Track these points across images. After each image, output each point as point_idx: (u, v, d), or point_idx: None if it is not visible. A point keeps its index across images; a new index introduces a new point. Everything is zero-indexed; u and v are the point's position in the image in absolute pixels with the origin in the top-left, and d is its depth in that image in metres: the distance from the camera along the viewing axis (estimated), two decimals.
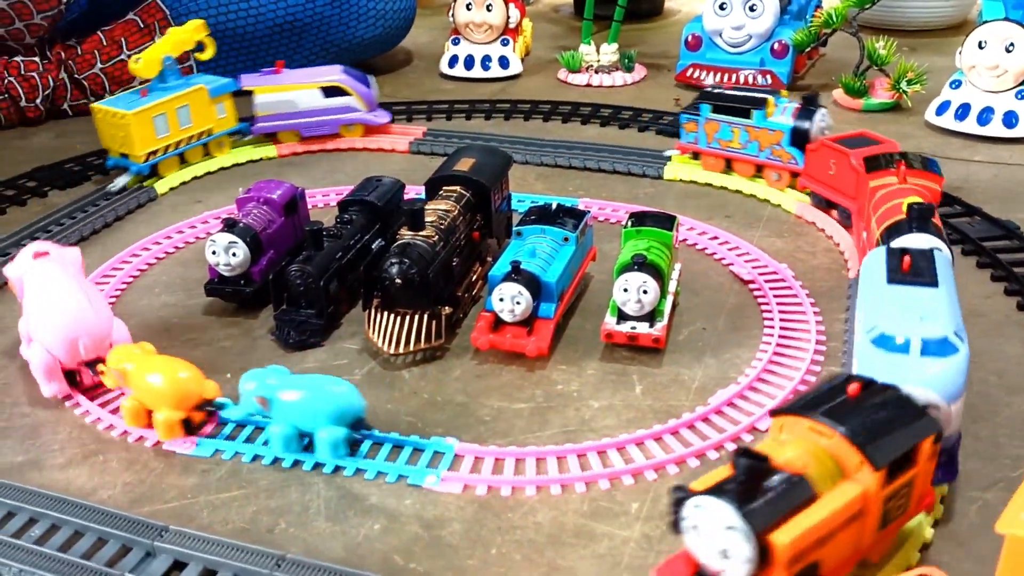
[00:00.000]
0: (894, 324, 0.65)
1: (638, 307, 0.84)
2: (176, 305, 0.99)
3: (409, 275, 0.85)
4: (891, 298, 0.68)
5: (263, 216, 0.98)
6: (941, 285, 0.69)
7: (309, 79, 1.35)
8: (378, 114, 1.39)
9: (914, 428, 0.57)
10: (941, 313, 0.66)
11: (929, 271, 0.71)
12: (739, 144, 1.19)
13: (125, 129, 1.22)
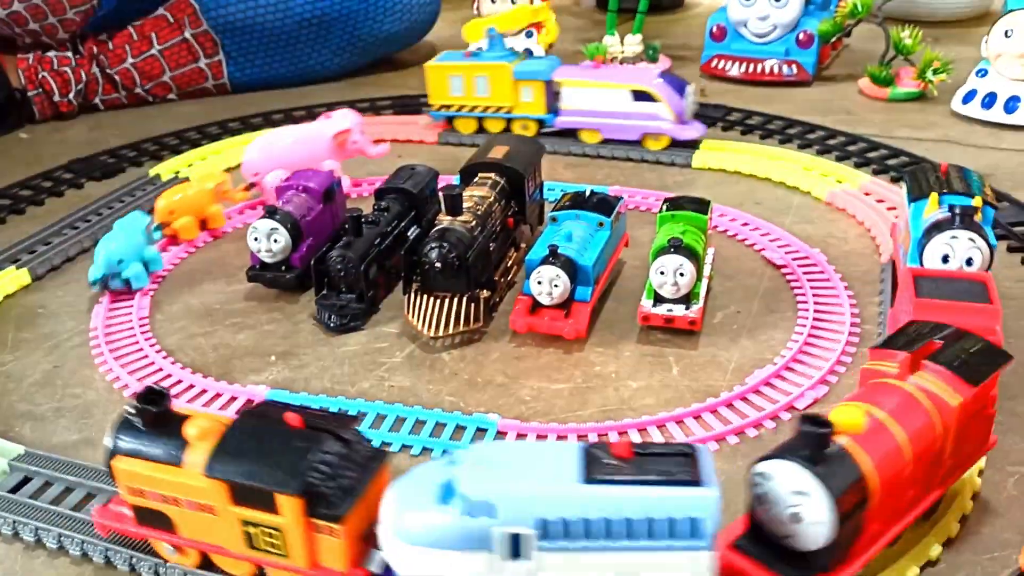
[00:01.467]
0: None
1: (674, 290, 0.85)
2: (218, 291, 1.01)
3: (448, 259, 0.87)
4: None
5: (303, 203, 1.00)
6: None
7: (621, 79, 1.27)
8: (688, 127, 1.27)
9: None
10: None
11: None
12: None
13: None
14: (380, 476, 0.58)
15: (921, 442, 0.57)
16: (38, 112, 1.53)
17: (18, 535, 0.67)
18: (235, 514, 0.57)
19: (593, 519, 0.49)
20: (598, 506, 0.49)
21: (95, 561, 0.65)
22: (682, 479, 0.50)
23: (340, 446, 0.57)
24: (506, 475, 0.52)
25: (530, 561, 0.50)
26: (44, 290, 1.02)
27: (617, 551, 0.50)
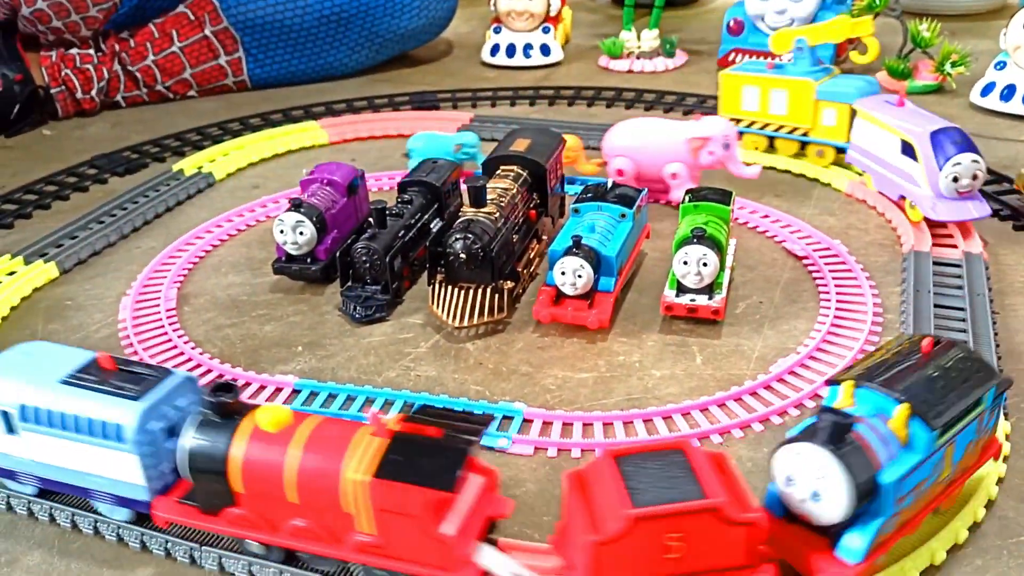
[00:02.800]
0: None
1: (698, 279, 0.86)
2: (243, 284, 1.02)
3: (473, 250, 0.87)
4: None
5: (327, 196, 1.01)
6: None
7: (895, 121, 1.05)
8: (946, 205, 0.98)
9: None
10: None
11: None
12: None
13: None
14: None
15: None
16: (61, 109, 1.54)
17: (55, 520, 0.68)
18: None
19: (60, 411, 0.63)
20: (64, 402, 0.63)
21: (131, 545, 0.66)
22: (126, 393, 0.63)
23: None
24: (17, 370, 0.66)
25: (18, 435, 0.65)
26: (72, 283, 1.04)
27: (79, 441, 0.63)
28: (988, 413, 0.61)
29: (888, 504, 0.55)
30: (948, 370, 0.60)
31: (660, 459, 0.55)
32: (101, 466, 0.64)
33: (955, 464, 0.59)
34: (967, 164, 0.97)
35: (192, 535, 0.65)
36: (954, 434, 0.58)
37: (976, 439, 0.61)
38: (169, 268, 1.04)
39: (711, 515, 0.52)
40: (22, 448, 0.66)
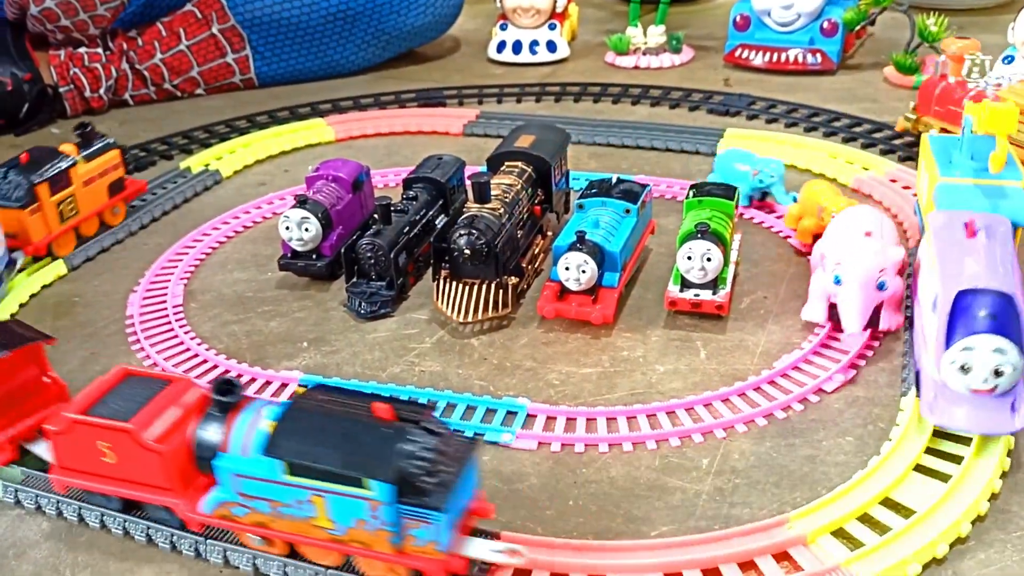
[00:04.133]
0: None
1: (701, 275, 0.86)
2: (249, 280, 1.02)
3: (477, 246, 0.88)
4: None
5: (332, 193, 1.01)
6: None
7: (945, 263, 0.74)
8: (966, 415, 0.68)
9: None
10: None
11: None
12: None
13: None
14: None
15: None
16: (69, 108, 1.55)
17: (61, 514, 0.69)
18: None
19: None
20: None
21: (137, 539, 0.67)
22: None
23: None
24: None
25: None
26: (80, 280, 1.04)
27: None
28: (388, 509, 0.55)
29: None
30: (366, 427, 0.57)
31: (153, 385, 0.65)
32: None
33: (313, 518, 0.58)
34: (984, 353, 0.66)
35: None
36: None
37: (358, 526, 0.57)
38: (176, 265, 1.05)
39: (125, 434, 0.61)
40: None
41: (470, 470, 0.59)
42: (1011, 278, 0.68)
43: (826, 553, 0.61)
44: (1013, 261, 0.71)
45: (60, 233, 1.05)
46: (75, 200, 1.06)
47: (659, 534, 0.65)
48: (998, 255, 0.71)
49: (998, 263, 0.69)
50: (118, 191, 1.13)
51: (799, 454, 0.72)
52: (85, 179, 1.08)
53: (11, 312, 0.97)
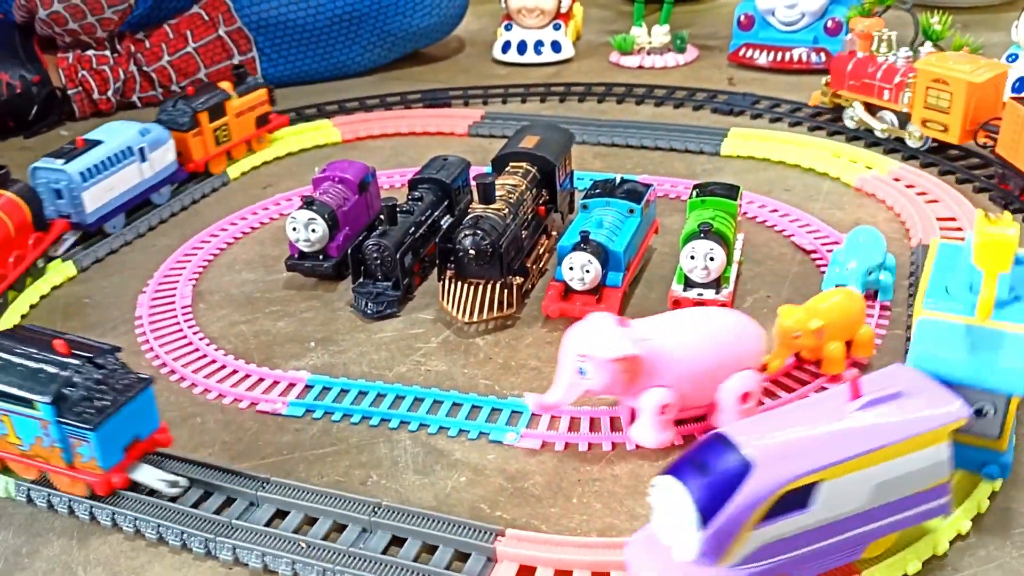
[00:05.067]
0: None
1: (705, 274, 0.87)
2: (257, 281, 1.03)
3: (482, 246, 0.88)
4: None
5: (339, 194, 1.02)
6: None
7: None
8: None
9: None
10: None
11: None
12: None
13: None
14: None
15: None
16: (78, 110, 1.56)
17: (74, 513, 0.70)
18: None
19: None
20: None
21: (148, 536, 0.68)
22: None
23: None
24: None
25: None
26: (89, 281, 1.06)
27: None
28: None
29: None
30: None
31: None
32: None
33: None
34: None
35: (207, 527, 0.66)
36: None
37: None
38: (184, 266, 1.06)
39: None
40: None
41: (143, 404, 0.70)
42: (796, 461, 0.54)
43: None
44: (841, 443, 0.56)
45: (215, 154, 1.27)
46: (228, 128, 1.28)
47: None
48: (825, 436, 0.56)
49: (808, 443, 0.55)
50: (264, 124, 1.35)
51: None
52: (238, 111, 1.29)
53: (22, 313, 0.98)
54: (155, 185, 1.19)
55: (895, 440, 0.55)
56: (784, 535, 0.54)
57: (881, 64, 1.26)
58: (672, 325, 0.74)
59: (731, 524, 0.52)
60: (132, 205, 1.16)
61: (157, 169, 1.19)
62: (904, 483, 0.57)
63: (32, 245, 1.02)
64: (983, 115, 1.14)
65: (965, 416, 0.57)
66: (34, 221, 1.03)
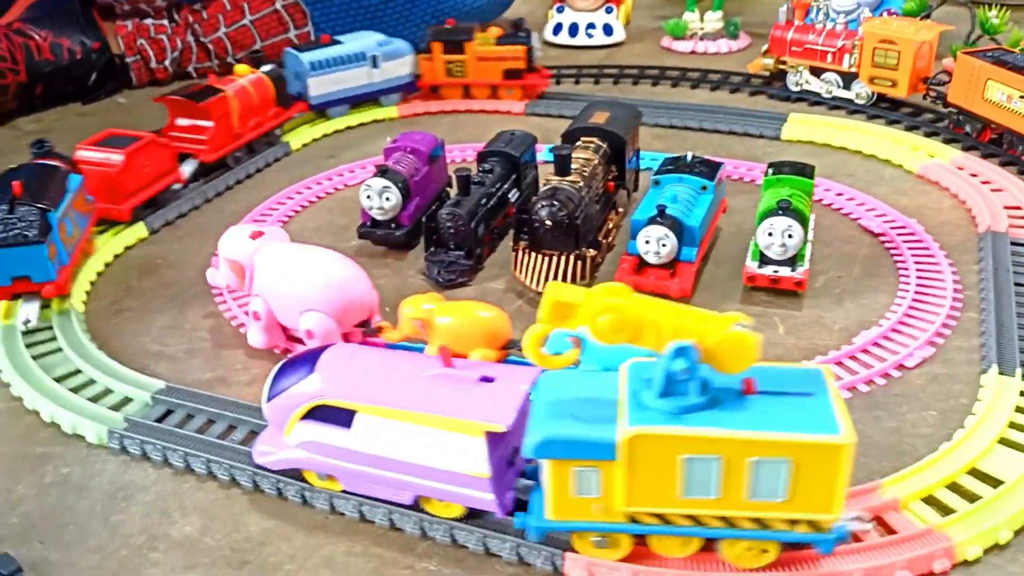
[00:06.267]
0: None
1: (782, 251, 0.87)
2: (327, 247, 1.04)
3: (558, 217, 0.89)
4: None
5: (411, 164, 1.03)
6: None
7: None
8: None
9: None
10: None
11: None
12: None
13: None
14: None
15: None
16: (135, 78, 1.58)
17: (167, 461, 0.71)
18: None
19: None
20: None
21: (243, 485, 0.69)
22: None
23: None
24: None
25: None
26: (161, 243, 1.07)
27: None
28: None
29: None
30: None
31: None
32: None
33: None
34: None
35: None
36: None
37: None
38: None
39: None
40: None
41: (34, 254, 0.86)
42: (341, 387, 0.63)
43: (919, 517, 0.62)
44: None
45: (446, 83, 1.42)
46: (464, 66, 1.39)
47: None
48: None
49: (364, 380, 0.64)
50: (514, 77, 1.40)
51: (884, 426, 0.73)
52: (479, 55, 1.38)
53: (97, 271, 1.00)
54: (384, 90, 1.40)
55: (435, 411, 0.60)
56: (330, 442, 0.63)
57: (821, 31, 1.39)
58: (297, 256, 0.84)
59: (284, 407, 0.65)
60: (357, 101, 1.39)
61: (388, 76, 1.39)
62: (440, 455, 0.60)
63: (271, 116, 1.29)
64: (923, 71, 1.31)
65: (504, 426, 0.58)
66: (277, 98, 1.30)
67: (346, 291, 0.81)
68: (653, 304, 0.55)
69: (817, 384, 0.56)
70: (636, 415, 0.54)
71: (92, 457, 0.73)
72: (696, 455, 0.53)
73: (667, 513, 0.56)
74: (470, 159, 1.24)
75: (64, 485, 0.70)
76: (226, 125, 1.21)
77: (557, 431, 0.55)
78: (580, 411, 0.56)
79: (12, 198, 0.89)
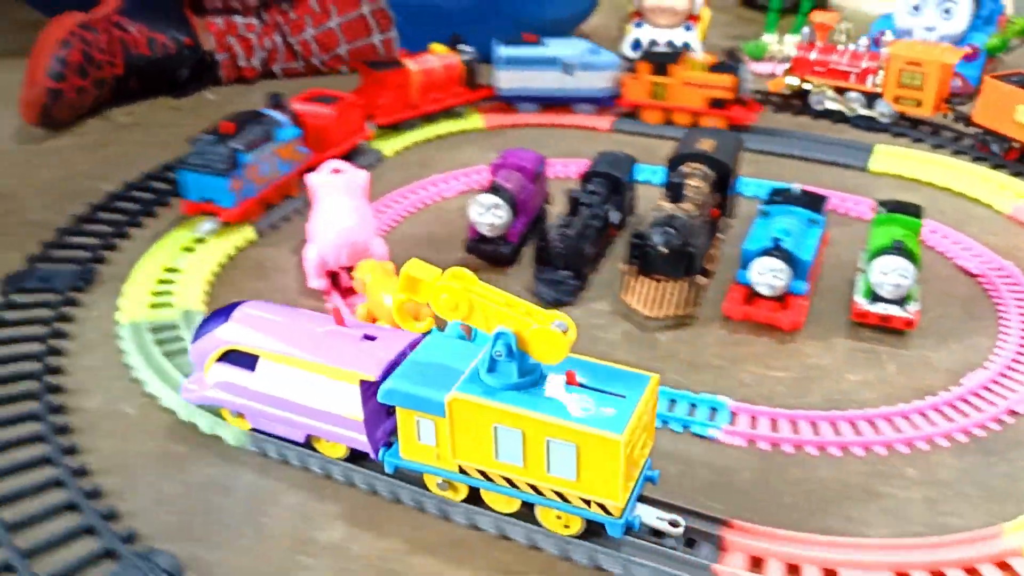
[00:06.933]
0: None
1: (895, 290, 0.89)
2: (430, 259, 1.05)
3: (673, 244, 0.91)
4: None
5: (518, 182, 1.05)
6: None
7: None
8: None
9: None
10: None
11: None
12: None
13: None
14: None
15: None
16: (223, 75, 1.61)
17: (306, 466, 0.74)
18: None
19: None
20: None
21: (382, 495, 0.71)
22: None
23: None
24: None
25: None
26: (269, 246, 1.10)
27: None
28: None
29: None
30: None
31: None
32: None
33: None
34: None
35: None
36: None
37: None
38: None
39: None
40: None
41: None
42: (245, 334, 0.74)
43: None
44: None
45: (648, 104, 1.41)
46: (666, 89, 1.38)
47: (878, 536, 0.68)
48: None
49: (265, 328, 0.74)
50: (720, 107, 1.37)
51: (999, 471, 0.75)
52: (684, 80, 1.37)
53: (213, 272, 1.02)
54: (577, 98, 1.44)
55: (321, 360, 0.70)
56: (239, 383, 0.74)
57: (844, 52, 1.47)
58: (330, 201, 1.00)
59: (203, 351, 0.75)
60: (548, 103, 1.45)
61: (581, 85, 1.43)
62: (325, 399, 0.71)
63: (454, 94, 1.43)
64: (944, 92, 1.39)
65: (373, 376, 0.68)
66: (466, 80, 1.44)
67: (345, 238, 0.96)
68: (487, 292, 0.65)
69: (636, 389, 0.64)
70: (465, 384, 0.64)
71: (231, 458, 0.76)
72: (503, 425, 0.62)
73: (487, 471, 0.65)
74: (560, 174, 1.26)
75: (208, 485, 0.73)
76: (403, 95, 1.36)
77: (403, 384, 0.65)
78: (433, 372, 0.66)
79: (219, 135, 1.07)
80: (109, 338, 0.91)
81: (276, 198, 1.16)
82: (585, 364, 0.66)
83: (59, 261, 1.04)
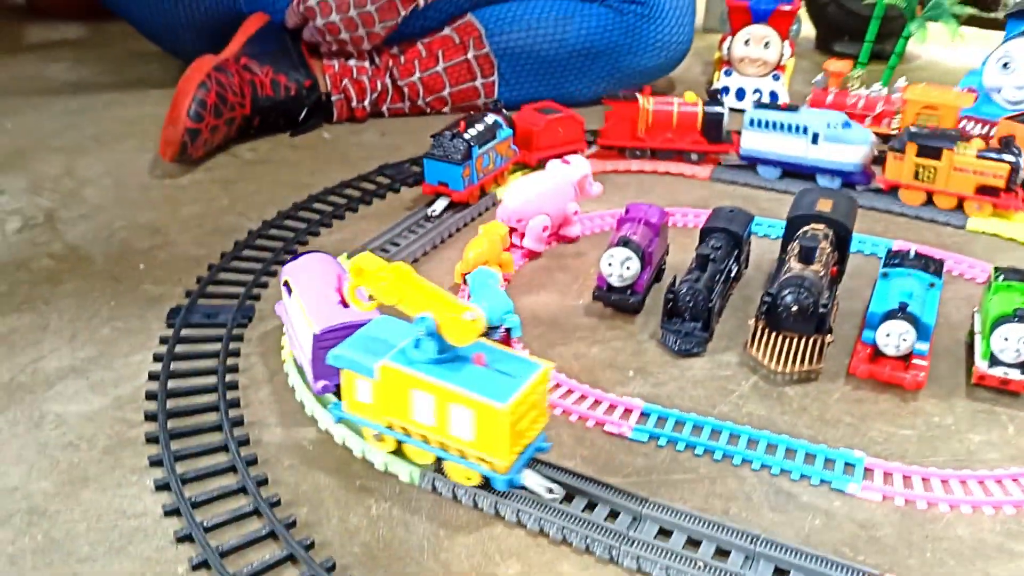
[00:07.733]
0: None
1: (1016, 356, 0.94)
2: (557, 305, 1.13)
3: (804, 304, 0.97)
4: None
5: (645, 235, 1.12)
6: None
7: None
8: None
9: None
10: None
11: None
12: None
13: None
14: None
15: None
16: (336, 114, 1.69)
17: (477, 505, 0.80)
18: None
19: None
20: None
21: (551, 536, 0.77)
22: None
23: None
24: None
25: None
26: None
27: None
28: None
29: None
30: None
31: None
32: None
33: None
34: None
35: (608, 535, 0.75)
36: None
37: None
38: None
39: None
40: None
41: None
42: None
43: None
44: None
45: (909, 185, 1.36)
46: (936, 172, 1.34)
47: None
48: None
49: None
50: (988, 193, 1.33)
51: None
52: (957, 165, 1.32)
53: None
54: (823, 169, 1.42)
55: (308, 311, 0.91)
56: (289, 309, 0.99)
57: (859, 97, 1.62)
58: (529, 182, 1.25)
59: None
60: (791, 169, 1.45)
61: (827, 157, 1.41)
62: (301, 339, 0.93)
63: (688, 141, 1.50)
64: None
65: (318, 329, 0.88)
66: (704, 130, 1.49)
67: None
68: (415, 284, 0.77)
69: (526, 373, 0.78)
70: (395, 356, 0.79)
71: (406, 495, 0.82)
72: (418, 391, 0.78)
73: (407, 428, 0.81)
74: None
75: (389, 519, 0.79)
76: (628, 126, 1.51)
77: (347, 351, 0.81)
78: (374, 344, 0.81)
79: (456, 132, 1.32)
80: (276, 373, 0.98)
81: (490, 185, 1.39)
82: (492, 349, 0.81)
83: (216, 297, 1.12)
